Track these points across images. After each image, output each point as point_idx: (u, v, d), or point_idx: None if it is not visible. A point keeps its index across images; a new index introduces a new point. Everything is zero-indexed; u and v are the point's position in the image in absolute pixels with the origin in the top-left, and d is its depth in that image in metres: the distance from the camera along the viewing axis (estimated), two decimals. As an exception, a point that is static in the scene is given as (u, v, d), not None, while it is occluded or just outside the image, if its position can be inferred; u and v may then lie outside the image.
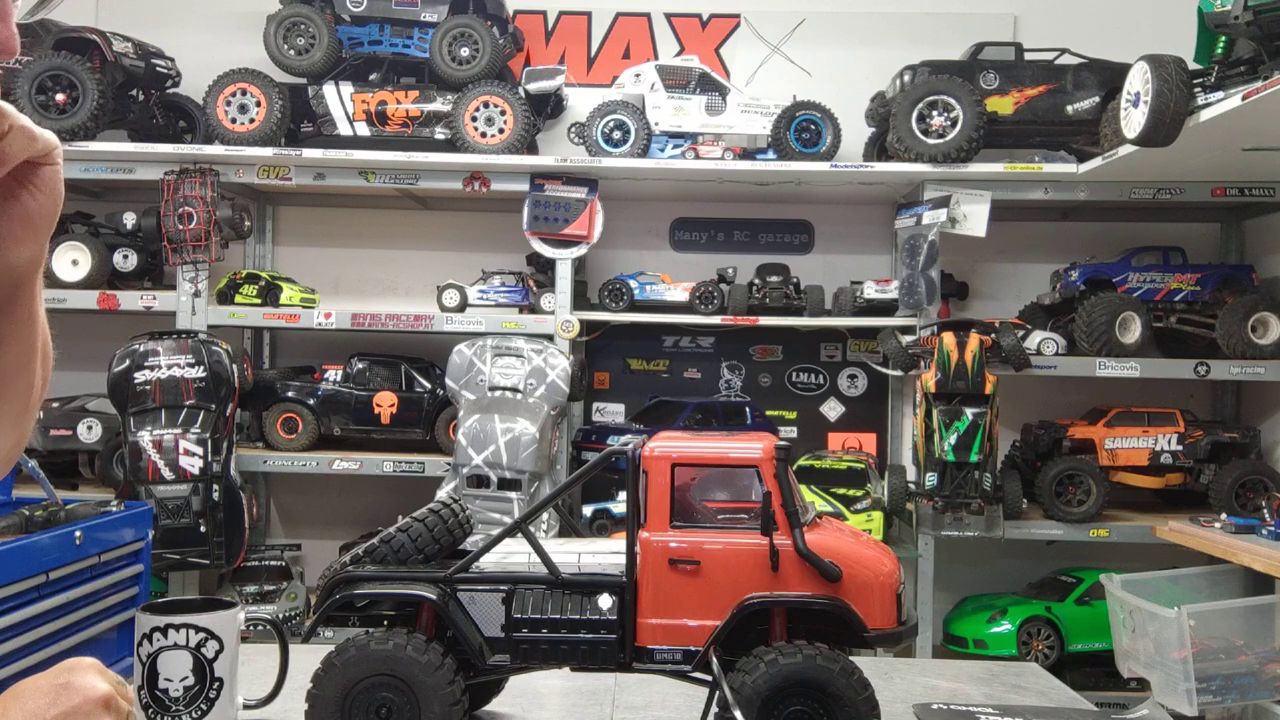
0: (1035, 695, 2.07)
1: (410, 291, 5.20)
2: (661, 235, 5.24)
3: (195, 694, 1.60)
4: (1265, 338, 4.29)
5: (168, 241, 4.50)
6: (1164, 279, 4.53)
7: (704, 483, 1.72)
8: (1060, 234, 5.06)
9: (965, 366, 4.16)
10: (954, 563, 4.76)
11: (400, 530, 1.70)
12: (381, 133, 4.66)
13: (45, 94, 4.33)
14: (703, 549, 1.63)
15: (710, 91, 4.59)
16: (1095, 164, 4.14)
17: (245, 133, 4.50)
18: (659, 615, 1.63)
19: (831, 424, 5.18)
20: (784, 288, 4.67)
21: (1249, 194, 4.36)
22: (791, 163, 4.46)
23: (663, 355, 5.24)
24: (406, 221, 5.24)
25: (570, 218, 4.56)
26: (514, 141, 4.49)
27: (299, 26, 4.56)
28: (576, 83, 5.07)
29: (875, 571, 1.63)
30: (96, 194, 5.08)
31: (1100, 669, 4.33)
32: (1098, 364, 4.34)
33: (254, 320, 4.60)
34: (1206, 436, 4.41)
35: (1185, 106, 3.39)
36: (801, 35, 5.15)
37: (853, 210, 5.14)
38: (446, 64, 4.55)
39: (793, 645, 1.57)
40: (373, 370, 4.70)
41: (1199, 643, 3.48)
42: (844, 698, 1.54)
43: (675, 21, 5.21)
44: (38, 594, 2.96)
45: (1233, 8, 3.16)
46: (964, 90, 4.30)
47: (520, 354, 4.41)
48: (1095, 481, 4.33)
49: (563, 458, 4.62)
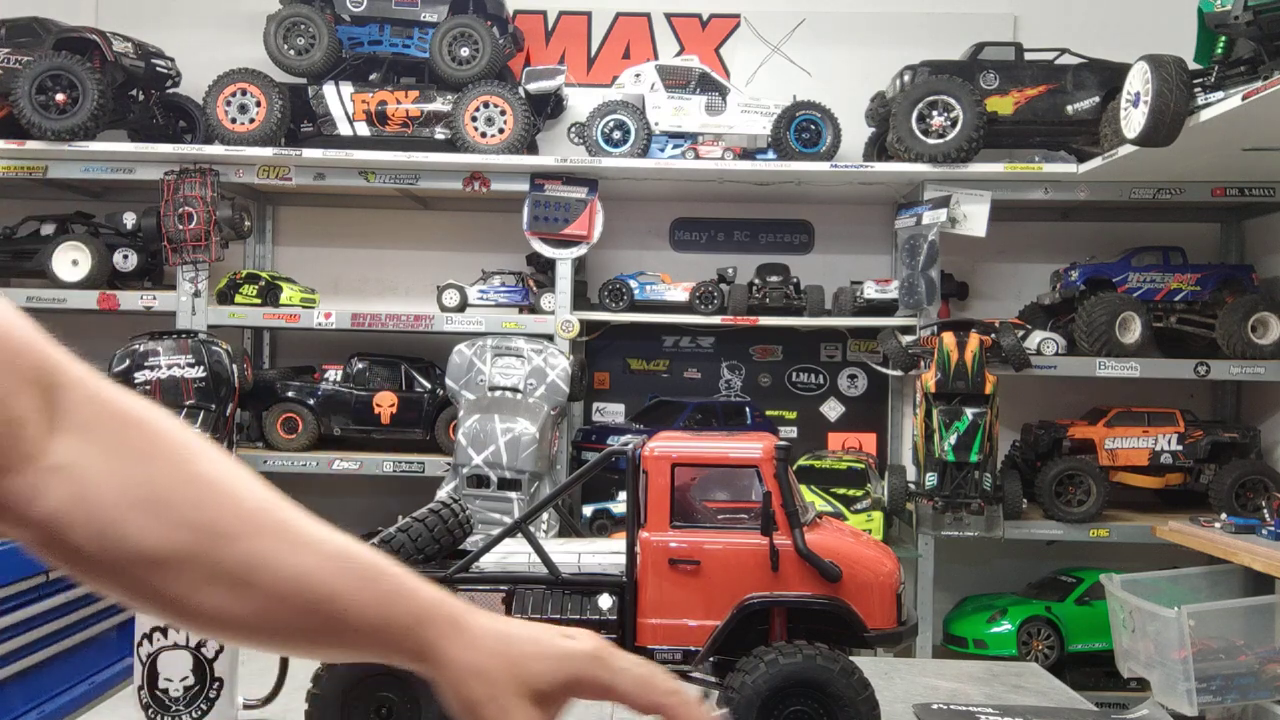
0: (1035, 695, 2.07)
1: (410, 291, 5.20)
2: (661, 235, 5.24)
3: (195, 694, 1.60)
4: (1265, 338, 4.29)
5: (168, 241, 4.50)
6: (1164, 279, 4.53)
7: (704, 483, 1.72)
8: (1060, 234, 5.06)
9: (965, 366, 4.16)
10: (954, 563, 4.76)
11: (400, 530, 1.70)
12: (381, 133, 4.66)
13: (45, 94, 4.33)
14: (703, 549, 1.63)
15: (710, 91, 4.59)
16: (1095, 164, 4.14)
17: (245, 133, 4.50)
18: (659, 615, 1.63)
19: (831, 424, 5.18)
20: (784, 288, 4.67)
21: (1249, 194, 4.36)
22: (791, 163, 4.46)
23: (663, 355, 5.24)
24: (406, 221, 5.24)
25: (570, 218, 4.56)
26: (514, 141, 4.49)
27: (299, 26, 4.56)
28: (576, 83, 5.07)
29: (875, 571, 1.63)
30: (96, 194, 5.08)
31: (1100, 669, 4.33)
32: (1098, 364, 4.34)
33: (254, 320, 4.60)
34: (1206, 436, 4.40)
35: (1185, 106, 3.39)
36: (801, 35, 5.15)
37: (853, 210, 5.14)
38: (446, 64, 4.55)
39: (793, 645, 1.57)
40: (373, 370, 4.70)
41: (1199, 643, 3.48)
42: (844, 698, 1.54)
43: (675, 21, 5.21)
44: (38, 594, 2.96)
45: (1233, 8, 3.16)
46: (964, 90, 4.30)
47: (520, 354, 4.41)
48: (1095, 481, 4.33)
49: (563, 458, 4.62)
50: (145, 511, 0.95)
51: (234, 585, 0.96)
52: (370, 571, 1.01)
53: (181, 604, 0.97)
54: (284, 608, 0.98)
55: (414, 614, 1.01)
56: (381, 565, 1.03)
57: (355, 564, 1.01)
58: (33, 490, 0.92)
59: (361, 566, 1.01)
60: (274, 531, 0.99)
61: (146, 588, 0.96)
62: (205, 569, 0.96)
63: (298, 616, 0.99)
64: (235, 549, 0.97)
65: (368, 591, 1.00)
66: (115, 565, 0.95)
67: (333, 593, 0.99)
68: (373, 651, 1.02)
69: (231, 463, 1.02)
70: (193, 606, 0.97)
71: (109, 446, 0.95)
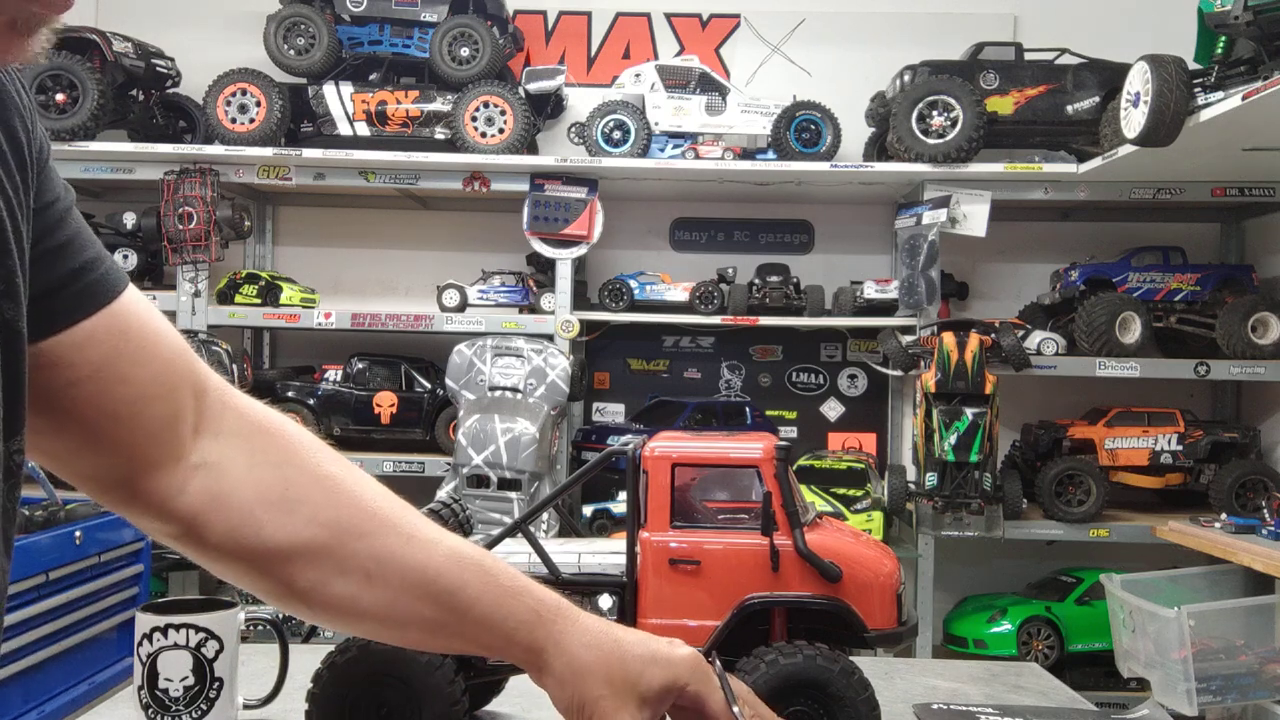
0: (1035, 695, 2.07)
1: (410, 291, 5.20)
2: (661, 235, 5.24)
3: (195, 694, 1.60)
4: (1265, 338, 4.29)
5: (168, 241, 4.50)
6: (1164, 279, 4.53)
7: (704, 483, 1.72)
8: (1060, 234, 5.06)
9: (965, 366, 4.16)
10: (954, 563, 4.76)
11: (400, 530, 1.70)
12: (381, 133, 4.66)
13: (45, 94, 4.33)
14: (703, 549, 1.63)
15: (710, 91, 4.59)
16: (1095, 164, 4.13)
17: (245, 133, 4.50)
18: (659, 615, 1.63)
19: (831, 424, 5.18)
20: (784, 288, 4.67)
21: (1249, 194, 4.36)
22: (791, 163, 4.46)
23: (663, 355, 5.24)
24: (406, 221, 5.24)
25: (570, 218, 4.56)
26: (514, 141, 4.49)
27: (299, 26, 4.56)
28: (576, 83, 5.07)
29: (875, 571, 1.63)
30: (96, 194, 5.08)
31: (1100, 669, 4.33)
32: (1098, 364, 4.34)
33: (254, 320, 4.60)
34: (1206, 436, 4.40)
35: (1185, 106, 3.39)
36: (801, 35, 5.15)
37: (853, 210, 5.14)
38: (446, 64, 4.55)
39: (793, 645, 1.57)
40: (373, 370, 4.70)
41: (1199, 643, 3.48)
42: (844, 698, 1.54)
43: (675, 21, 5.21)
44: (38, 594, 2.96)
45: (1233, 8, 3.16)
46: (964, 90, 4.30)
47: (520, 354, 4.41)
48: (1095, 481, 4.33)
49: (563, 458, 4.62)
50: (280, 509, 1.01)
51: (366, 577, 1.02)
52: (491, 568, 1.06)
53: (313, 594, 1.03)
54: (411, 599, 1.03)
55: (534, 609, 1.05)
56: (499, 563, 1.08)
57: (474, 561, 1.06)
58: (179, 486, 0.98)
59: (480, 564, 1.06)
60: (398, 529, 1.04)
61: (279, 580, 1.02)
62: (337, 562, 1.02)
63: (425, 608, 1.03)
64: (366, 544, 1.03)
65: (491, 586, 1.04)
66: (249, 558, 1.01)
67: (459, 585, 1.03)
68: (490, 644, 1.06)
69: (352, 465, 1.09)
70: (324, 597, 1.03)
71: (246, 450, 1.02)
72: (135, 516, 1.00)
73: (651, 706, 1.03)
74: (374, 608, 1.02)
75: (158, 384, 0.96)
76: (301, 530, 1.00)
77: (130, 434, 0.94)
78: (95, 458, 0.95)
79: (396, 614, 1.03)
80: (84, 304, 0.90)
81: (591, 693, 1.03)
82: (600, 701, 1.02)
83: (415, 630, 1.05)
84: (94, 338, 0.90)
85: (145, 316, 0.96)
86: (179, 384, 0.98)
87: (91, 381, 0.91)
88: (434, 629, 1.04)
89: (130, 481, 0.96)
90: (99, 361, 0.91)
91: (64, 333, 0.89)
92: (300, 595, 1.03)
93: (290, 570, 1.01)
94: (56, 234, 0.88)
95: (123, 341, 0.93)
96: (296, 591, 1.02)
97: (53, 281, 0.88)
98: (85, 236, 0.92)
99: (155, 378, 0.95)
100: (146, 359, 0.95)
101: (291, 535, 1.00)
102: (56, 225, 0.89)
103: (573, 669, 1.03)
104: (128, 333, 0.93)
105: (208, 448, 1.00)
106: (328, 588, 1.02)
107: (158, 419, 0.96)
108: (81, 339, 0.90)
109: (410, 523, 1.05)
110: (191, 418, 0.99)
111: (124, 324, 0.93)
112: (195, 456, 0.99)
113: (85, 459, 0.95)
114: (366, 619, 1.04)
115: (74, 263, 0.90)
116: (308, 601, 1.03)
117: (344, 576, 1.01)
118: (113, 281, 0.93)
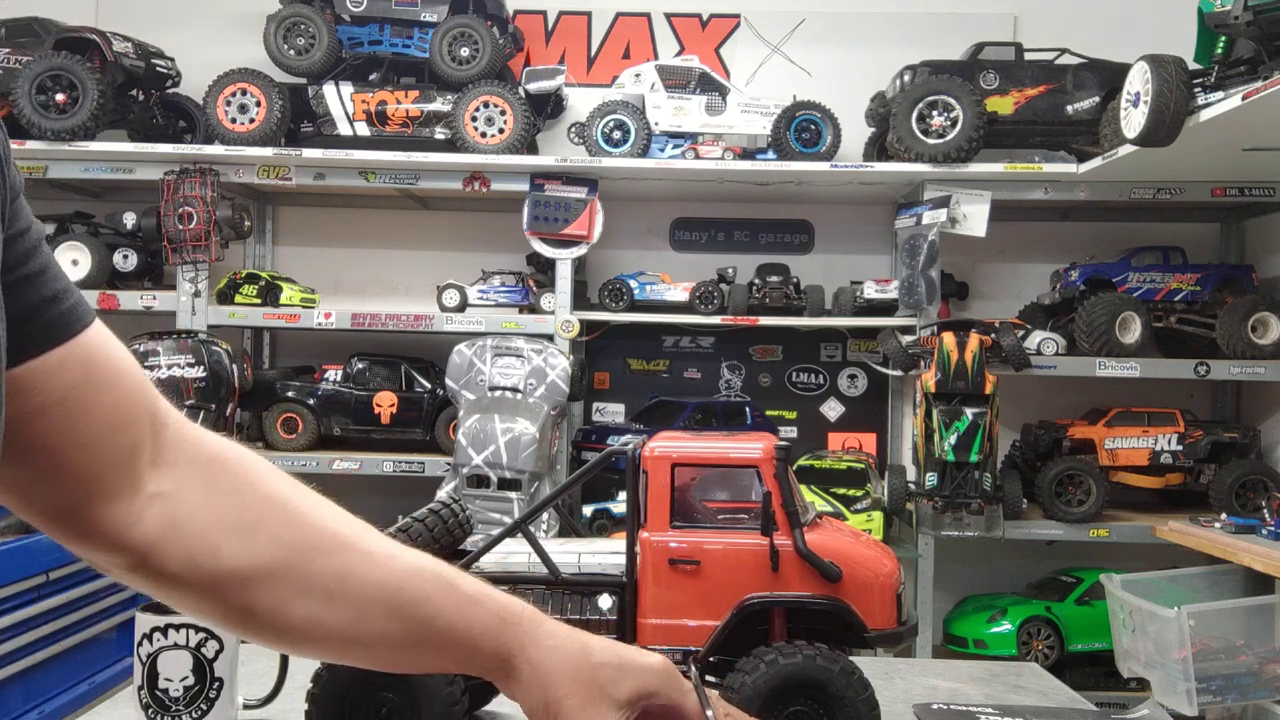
0: (1035, 695, 2.07)
1: (410, 291, 5.20)
2: (661, 235, 5.24)
3: (195, 694, 1.60)
4: (1265, 338, 4.29)
5: (168, 241, 4.50)
6: (1164, 279, 4.53)
7: (704, 483, 1.72)
8: (1060, 234, 5.06)
9: (965, 366, 4.16)
10: (954, 563, 4.76)
11: (400, 530, 1.70)
12: (381, 133, 4.66)
13: (45, 94, 4.33)
14: (703, 549, 1.63)
15: (710, 91, 4.59)
16: (1095, 164, 4.13)
17: (245, 133, 4.50)
18: (659, 615, 1.63)
19: (831, 424, 5.18)
20: (784, 288, 4.67)
21: (1249, 194, 4.36)
22: (791, 163, 4.46)
23: (663, 355, 5.24)
24: (406, 221, 5.24)
25: (570, 218, 4.56)
26: (514, 141, 4.49)
27: (299, 26, 4.56)
28: (576, 83, 5.07)
29: (875, 571, 1.63)
30: (96, 194, 5.08)
31: (1100, 669, 4.33)
32: (1098, 364, 4.34)
33: (254, 320, 4.60)
34: (1206, 436, 4.40)
35: (1185, 106, 3.39)
36: (801, 35, 5.15)
37: (853, 210, 5.14)
38: (446, 64, 4.55)
39: (793, 645, 1.57)
40: (373, 370, 4.70)
41: (1199, 643, 3.48)
42: (844, 698, 1.54)
43: (675, 21, 5.21)
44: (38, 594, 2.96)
45: (1233, 8, 3.16)
46: (964, 90, 4.30)
47: (520, 354, 4.41)
48: (1095, 481, 4.33)
49: (563, 458, 4.62)
50: (238, 533, 1.00)
51: (327, 596, 1.01)
52: (452, 579, 1.06)
53: (275, 618, 1.02)
54: (375, 615, 1.02)
55: (498, 615, 1.05)
56: (460, 574, 1.08)
57: (435, 573, 1.06)
58: (135, 516, 0.98)
59: (441, 575, 1.06)
60: (357, 546, 1.04)
61: (239, 606, 1.01)
62: (297, 581, 1.01)
63: (388, 623, 1.03)
64: (325, 563, 1.02)
65: (454, 595, 1.04)
66: (207, 585, 1.00)
67: (422, 597, 1.03)
68: (456, 656, 1.06)
69: (308, 489, 1.08)
70: (287, 620, 1.02)
71: (203, 478, 1.02)
72: (88, 549, 0.99)
73: (618, 711, 1.04)
74: (338, 627, 1.01)
75: (119, 414, 0.96)
76: (261, 552, 1.00)
77: (90, 462, 0.94)
78: (53, 487, 0.95)
79: (361, 632, 1.02)
80: (56, 332, 0.91)
81: (557, 693, 1.03)
82: (565, 701, 1.02)
83: (381, 648, 1.04)
84: (64, 366, 0.91)
85: (110, 348, 0.97)
86: (140, 415, 0.99)
87: (57, 408, 0.91)
88: (399, 645, 1.04)
89: (85, 512, 0.96)
90: (65, 389, 0.91)
91: (35, 360, 0.90)
92: (262, 620, 1.02)
93: (250, 594, 1.00)
94: (29, 263, 0.89)
95: (90, 371, 0.94)
96: (258, 617, 1.01)
97: (24, 309, 0.88)
98: (56, 268, 0.93)
99: (118, 407, 0.96)
100: (110, 389, 0.96)
101: (250, 558, 0.99)
102: (29, 255, 0.89)
103: (539, 672, 1.04)
104: (95, 363, 0.94)
105: (164, 478, 1.00)
106: (290, 610, 1.00)
107: (118, 448, 0.96)
108: (52, 367, 0.91)
109: (368, 540, 1.05)
110: (149, 449, 0.99)
111: (92, 354, 0.94)
112: (152, 486, 0.99)
113: (44, 487, 0.95)
114: (331, 640, 1.03)
115: (46, 291, 0.90)
116: (271, 626, 1.02)
117: (305, 597, 1.00)
118: (82, 312, 0.94)
